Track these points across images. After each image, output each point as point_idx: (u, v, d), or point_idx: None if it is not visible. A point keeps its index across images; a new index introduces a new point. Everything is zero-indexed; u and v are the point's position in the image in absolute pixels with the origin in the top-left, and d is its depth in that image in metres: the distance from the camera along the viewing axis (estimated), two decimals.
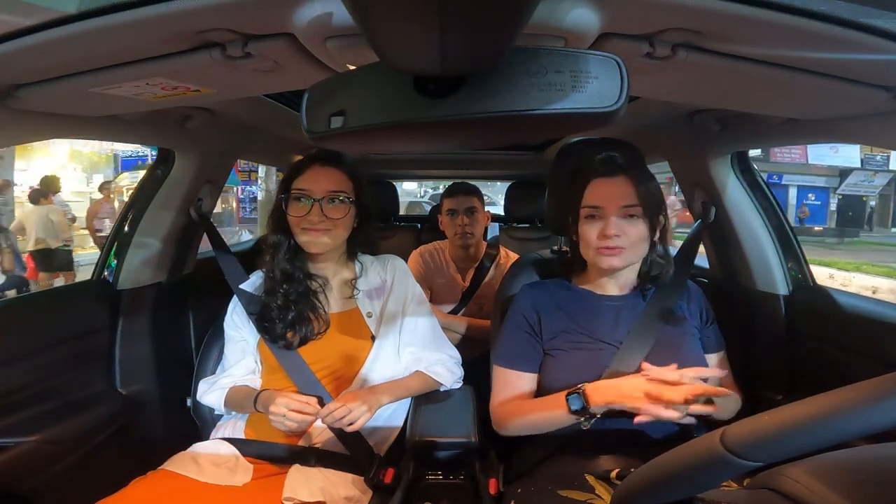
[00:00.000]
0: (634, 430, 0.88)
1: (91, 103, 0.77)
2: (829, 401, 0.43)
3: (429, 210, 3.19)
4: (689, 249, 1.18)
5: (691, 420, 0.78)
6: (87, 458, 1.05)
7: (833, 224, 16.18)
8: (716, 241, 1.34)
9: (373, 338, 1.05)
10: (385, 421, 1.04)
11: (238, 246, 1.82)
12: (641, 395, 0.77)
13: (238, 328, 1.08)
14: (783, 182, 15.62)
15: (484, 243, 1.84)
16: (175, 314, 1.34)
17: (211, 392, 1.05)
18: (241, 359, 1.08)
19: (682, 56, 0.56)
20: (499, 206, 2.95)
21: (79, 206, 9.09)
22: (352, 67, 0.58)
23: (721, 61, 0.58)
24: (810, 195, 16.52)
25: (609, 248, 0.89)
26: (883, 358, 0.93)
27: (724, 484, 0.73)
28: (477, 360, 1.25)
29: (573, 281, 1.03)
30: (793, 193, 16.04)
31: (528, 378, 0.95)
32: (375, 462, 0.96)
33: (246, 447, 0.98)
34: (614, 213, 0.90)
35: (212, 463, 0.93)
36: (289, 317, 1.01)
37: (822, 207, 16.63)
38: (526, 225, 2.59)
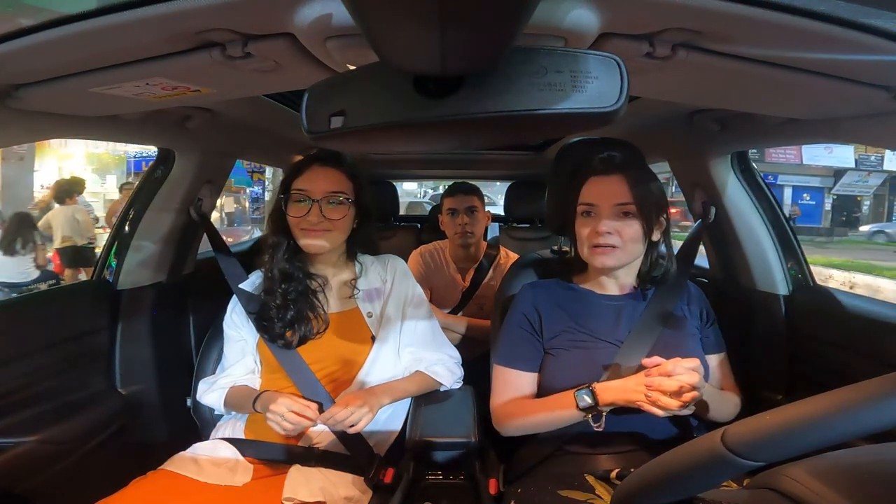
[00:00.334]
0: (634, 431, 0.88)
1: (91, 103, 0.77)
2: (829, 401, 0.43)
3: (429, 210, 3.18)
4: (689, 249, 1.18)
5: (689, 411, 0.79)
6: (86, 458, 1.05)
7: (828, 224, 16.22)
8: (716, 242, 1.34)
9: (373, 338, 1.05)
10: (385, 421, 1.04)
11: (238, 246, 1.82)
12: (644, 390, 0.78)
13: (237, 328, 1.08)
14: (778, 182, 15.65)
15: (484, 243, 1.84)
16: (175, 314, 1.33)
17: (210, 392, 1.05)
18: (240, 358, 1.08)
19: (682, 56, 0.56)
20: (499, 206, 2.95)
21: (95, 206, 9.12)
22: (352, 67, 0.58)
23: (721, 61, 0.58)
24: (805, 195, 16.56)
25: (601, 246, 0.89)
26: (883, 358, 0.93)
27: (724, 484, 0.73)
28: (477, 360, 1.25)
29: (574, 280, 1.03)
30: (788, 193, 16.08)
31: (529, 377, 0.95)
32: (375, 462, 0.96)
33: (246, 447, 0.98)
34: (608, 211, 0.90)
35: (212, 463, 0.93)
36: (287, 316, 1.01)
37: (817, 207, 16.66)
38: (526, 225, 2.59)
